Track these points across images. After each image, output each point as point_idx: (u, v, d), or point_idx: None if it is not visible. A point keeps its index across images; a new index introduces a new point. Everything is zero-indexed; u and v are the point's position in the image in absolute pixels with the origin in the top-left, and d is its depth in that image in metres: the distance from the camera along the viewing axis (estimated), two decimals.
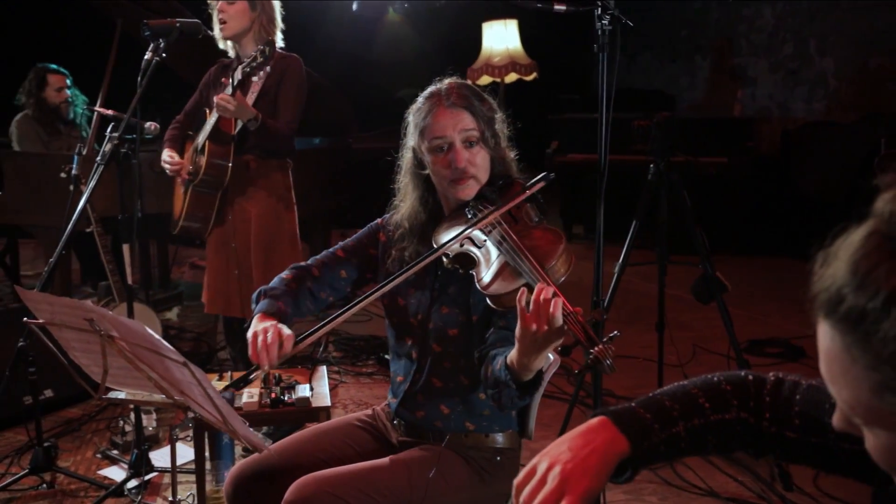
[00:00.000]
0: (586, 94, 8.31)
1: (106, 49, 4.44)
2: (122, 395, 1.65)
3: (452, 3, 7.59)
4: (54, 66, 4.97)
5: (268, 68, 3.03)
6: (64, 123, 5.00)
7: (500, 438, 1.85)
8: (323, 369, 2.69)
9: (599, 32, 1.86)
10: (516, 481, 1.01)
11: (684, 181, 3.02)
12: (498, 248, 1.65)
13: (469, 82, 1.83)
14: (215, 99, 2.95)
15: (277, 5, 3.16)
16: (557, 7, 1.86)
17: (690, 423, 1.05)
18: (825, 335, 0.73)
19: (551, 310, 1.39)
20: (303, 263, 1.97)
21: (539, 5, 1.89)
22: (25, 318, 1.50)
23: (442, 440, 1.82)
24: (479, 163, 1.77)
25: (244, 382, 1.80)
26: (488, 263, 1.65)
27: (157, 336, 1.30)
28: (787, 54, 8.17)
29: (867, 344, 0.68)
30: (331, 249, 1.98)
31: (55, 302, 1.38)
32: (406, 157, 1.88)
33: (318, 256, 1.97)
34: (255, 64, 2.94)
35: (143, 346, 1.34)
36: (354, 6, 2.05)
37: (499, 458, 1.84)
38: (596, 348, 1.37)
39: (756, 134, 7.37)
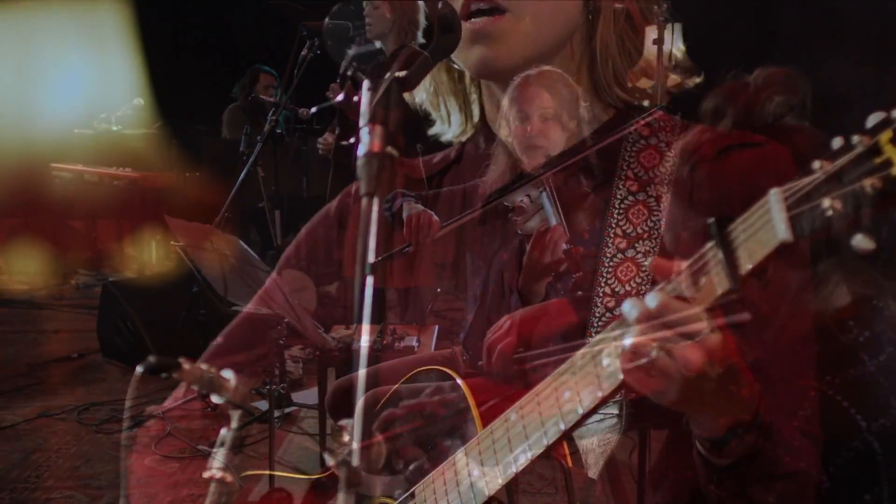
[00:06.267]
0: None
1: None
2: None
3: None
4: (267, 68, 5.47)
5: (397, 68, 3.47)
6: (265, 116, 5.62)
7: None
8: (434, 328, 3.08)
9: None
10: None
11: None
12: (544, 202, 1.94)
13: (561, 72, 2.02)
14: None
15: (421, 6, 3.57)
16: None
17: None
18: None
19: (556, 238, 1.75)
20: None
21: None
22: (173, 242, 2.01)
23: None
24: (550, 136, 1.96)
25: (391, 258, 2.05)
26: (536, 214, 1.97)
27: (252, 253, 1.74)
28: None
29: None
30: None
31: (189, 226, 1.86)
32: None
33: None
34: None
35: (248, 263, 1.78)
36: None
37: None
38: (579, 274, 1.72)
39: None
